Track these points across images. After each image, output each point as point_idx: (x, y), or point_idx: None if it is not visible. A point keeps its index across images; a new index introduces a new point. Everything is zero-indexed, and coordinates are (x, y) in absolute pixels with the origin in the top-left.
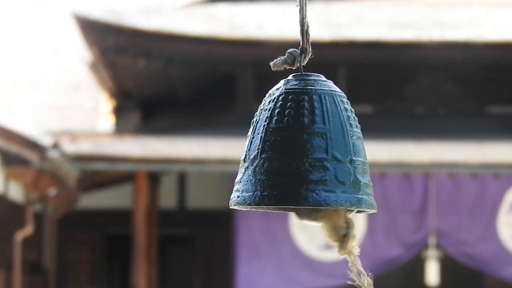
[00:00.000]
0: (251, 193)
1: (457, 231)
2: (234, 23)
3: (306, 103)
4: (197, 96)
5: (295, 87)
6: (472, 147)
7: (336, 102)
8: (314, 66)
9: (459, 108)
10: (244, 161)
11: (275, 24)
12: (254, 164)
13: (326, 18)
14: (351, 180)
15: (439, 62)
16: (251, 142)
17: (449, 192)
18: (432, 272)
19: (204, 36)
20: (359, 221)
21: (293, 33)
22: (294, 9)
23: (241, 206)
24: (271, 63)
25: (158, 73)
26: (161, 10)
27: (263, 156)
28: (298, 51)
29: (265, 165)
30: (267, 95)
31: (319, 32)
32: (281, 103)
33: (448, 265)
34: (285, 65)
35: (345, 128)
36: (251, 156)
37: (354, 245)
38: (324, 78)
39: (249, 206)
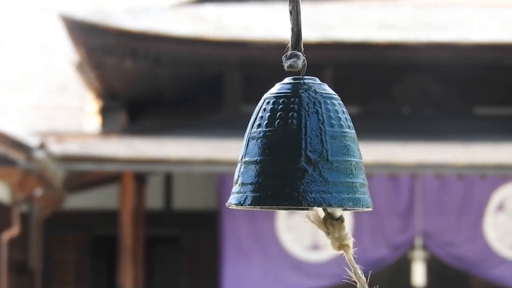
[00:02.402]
0: (249, 194)
1: (444, 232)
2: (221, 24)
3: (297, 106)
4: (184, 97)
5: (289, 90)
6: (458, 148)
7: (330, 104)
8: None
9: (446, 109)
10: (242, 162)
11: (262, 25)
12: (252, 165)
13: (313, 19)
14: (347, 180)
15: (426, 63)
16: (247, 143)
17: (435, 193)
18: (419, 273)
19: (191, 36)
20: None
21: (280, 33)
22: (281, 9)
23: (239, 207)
24: (287, 65)
25: (144, 74)
26: (148, 10)
27: (260, 157)
28: (302, 55)
29: (262, 166)
30: (263, 97)
31: (306, 33)
32: (274, 106)
33: (434, 266)
34: (298, 68)
35: (339, 129)
36: (248, 157)
37: (351, 241)
38: (319, 81)
39: (249, 207)
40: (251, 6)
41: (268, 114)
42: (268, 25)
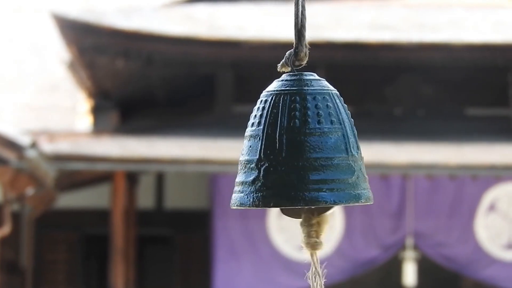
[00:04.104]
0: (253, 194)
1: (435, 232)
2: (213, 24)
3: (298, 104)
4: (176, 97)
5: (287, 88)
6: (450, 148)
7: (331, 100)
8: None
9: (438, 109)
10: (244, 162)
11: (255, 25)
12: (254, 165)
13: None
14: (352, 177)
15: (418, 64)
16: (249, 144)
17: (427, 194)
18: (410, 274)
19: (183, 36)
20: (337, 222)
21: (272, 33)
22: (273, 10)
23: (243, 207)
24: (279, 65)
25: (136, 73)
26: (140, 10)
27: (261, 156)
28: (292, 51)
29: (265, 166)
30: (260, 96)
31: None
32: (273, 104)
33: (425, 267)
34: (284, 66)
35: (342, 126)
36: (250, 157)
37: (323, 244)
38: (317, 77)
39: (251, 207)
40: (243, 6)
41: (259, 113)
42: (260, 25)
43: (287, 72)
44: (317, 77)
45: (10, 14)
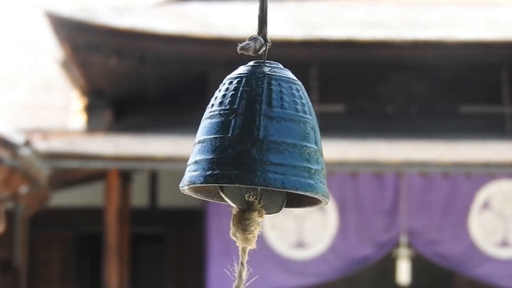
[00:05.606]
0: (202, 172)
1: (429, 230)
2: (206, 22)
3: (261, 88)
4: (169, 95)
5: (241, 72)
6: (443, 146)
7: (291, 88)
8: (285, 65)
9: (431, 107)
10: (198, 142)
11: (247, 23)
12: (196, 146)
13: (297, 17)
14: (281, 162)
15: (411, 62)
16: (205, 125)
17: (420, 192)
18: (404, 271)
19: (176, 34)
20: (330, 220)
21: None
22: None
23: (191, 186)
24: (239, 46)
25: (130, 72)
26: (133, 8)
27: (201, 137)
28: (262, 39)
29: (201, 147)
30: (224, 79)
31: (291, 31)
32: (223, 87)
33: (419, 265)
34: (252, 51)
35: (290, 113)
36: (204, 138)
37: (255, 239)
38: (279, 66)
39: (198, 185)
40: (236, 4)
41: (216, 95)
42: (253, 24)
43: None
44: (280, 66)
45: (2, 11)
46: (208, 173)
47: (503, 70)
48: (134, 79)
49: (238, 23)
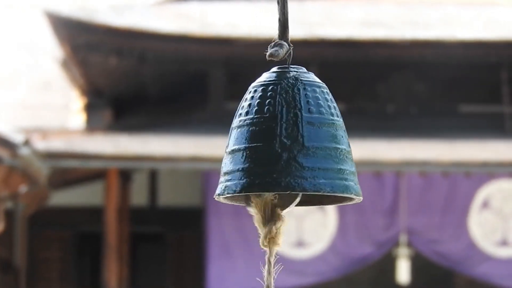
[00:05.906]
0: (227, 184)
1: (428, 229)
2: (206, 21)
3: (274, 93)
4: (168, 94)
5: (270, 79)
6: (443, 145)
7: (323, 93)
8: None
9: (431, 107)
10: (225, 152)
11: (247, 22)
12: (231, 155)
13: (297, 16)
14: (326, 166)
15: (411, 61)
16: (230, 134)
17: (420, 191)
18: (403, 271)
19: (175, 34)
20: (330, 219)
21: (264, 31)
22: (266, 7)
23: (226, 196)
24: (267, 53)
25: (129, 71)
26: (132, 7)
27: (238, 146)
28: (288, 45)
29: (240, 155)
30: (250, 87)
31: (291, 30)
32: (254, 95)
33: (419, 264)
34: (280, 57)
35: (326, 117)
36: (229, 147)
37: (280, 241)
38: (304, 70)
39: (233, 195)
40: (235, 3)
41: (249, 103)
42: (253, 23)
43: (278, 65)
44: (304, 70)
45: (2, 11)
46: (257, 181)
47: (503, 69)
48: (133, 79)
49: (237, 23)
